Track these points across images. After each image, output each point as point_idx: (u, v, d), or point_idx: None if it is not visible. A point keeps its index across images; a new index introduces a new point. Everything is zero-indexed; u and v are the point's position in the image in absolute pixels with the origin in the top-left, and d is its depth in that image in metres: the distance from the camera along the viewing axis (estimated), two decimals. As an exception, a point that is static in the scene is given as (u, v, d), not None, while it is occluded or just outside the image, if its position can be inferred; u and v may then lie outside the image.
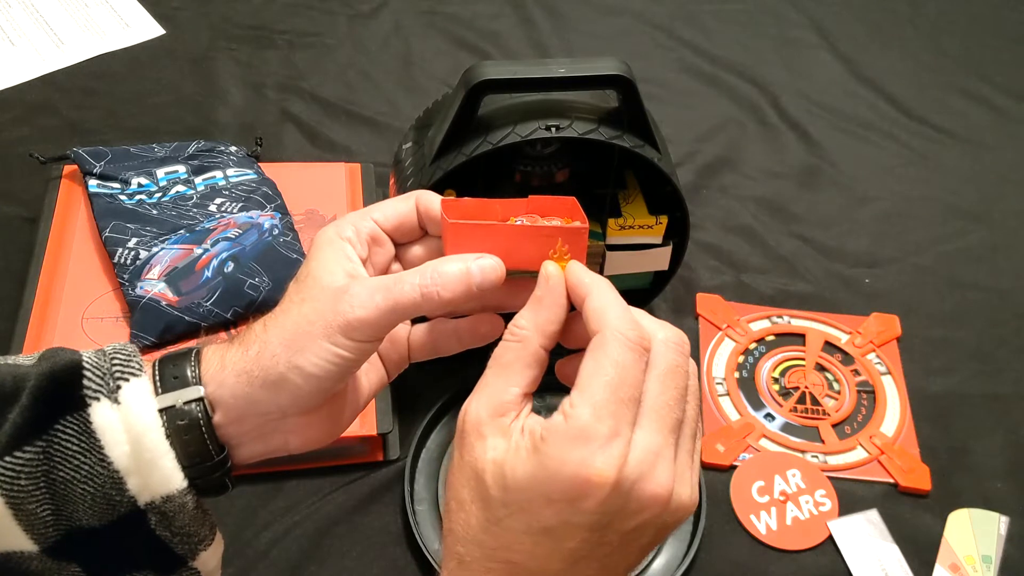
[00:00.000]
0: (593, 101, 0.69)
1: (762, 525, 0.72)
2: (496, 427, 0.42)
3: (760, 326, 0.86)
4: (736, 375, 0.82)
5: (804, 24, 1.22)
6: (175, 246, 0.80)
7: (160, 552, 0.46)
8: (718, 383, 0.81)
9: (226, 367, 0.45)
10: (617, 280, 0.77)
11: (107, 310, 0.78)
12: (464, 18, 1.18)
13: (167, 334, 0.75)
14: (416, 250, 0.50)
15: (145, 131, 0.98)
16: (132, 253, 0.79)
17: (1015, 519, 0.74)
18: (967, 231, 0.98)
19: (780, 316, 0.87)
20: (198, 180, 0.87)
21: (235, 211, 0.84)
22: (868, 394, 0.82)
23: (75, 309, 0.77)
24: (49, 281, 0.79)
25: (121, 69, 1.06)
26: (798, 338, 0.86)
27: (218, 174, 0.88)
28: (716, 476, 0.75)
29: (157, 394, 0.44)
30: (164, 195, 0.85)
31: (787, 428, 0.79)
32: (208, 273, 0.78)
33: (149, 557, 0.46)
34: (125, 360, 0.44)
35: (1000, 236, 0.98)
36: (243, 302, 0.77)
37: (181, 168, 0.88)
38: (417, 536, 0.68)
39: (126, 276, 0.78)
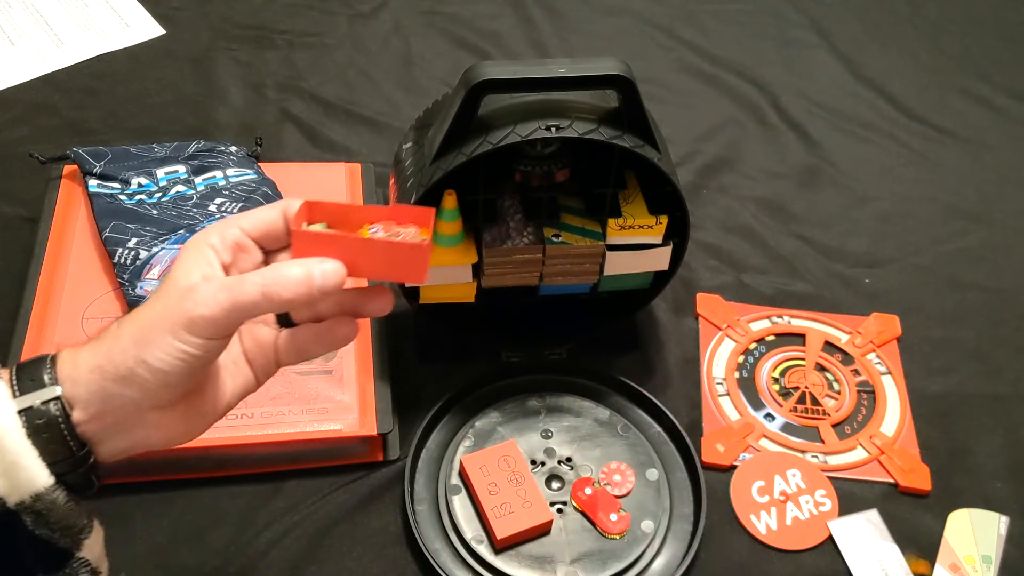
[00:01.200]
0: (593, 101, 0.69)
1: (762, 525, 0.72)
2: None
3: (760, 326, 0.86)
4: (736, 375, 0.82)
5: (804, 24, 1.22)
6: (175, 246, 0.80)
7: (44, 550, 0.47)
8: (718, 383, 0.81)
9: (79, 365, 0.46)
10: (617, 280, 0.78)
11: (107, 310, 0.78)
12: (464, 18, 1.18)
13: (167, 334, 0.75)
14: (284, 256, 0.52)
15: (145, 131, 0.98)
16: (132, 253, 0.79)
17: (1015, 519, 0.74)
18: (967, 231, 0.98)
19: (780, 316, 0.87)
20: (198, 180, 0.87)
21: (235, 211, 0.84)
22: (868, 394, 0.82)
23: (75, 309, 0.77)
24: (49, 281, 0.79)
25: (121, 69, 1.06)
26: (798, 338, 0.86)
27: (218, 174, 0.88)
28: (716, 476, 0.75)
29: (15, 397, 0.45)
30: (164, 195, 0.85)
31: (787, 428, 0.79)
32: (208, 273, 0.78)
33: (35, 558, 0.47)
34: None
35: (1000, 236, 0.98)
36: (243, 302, 0.77)
37: (181, 168, 0.88)
38: (417, 536, 0.68)
39: (126, 276, 0.78)
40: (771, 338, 0.85)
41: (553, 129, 0.65)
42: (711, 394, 0.81)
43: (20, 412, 0.45)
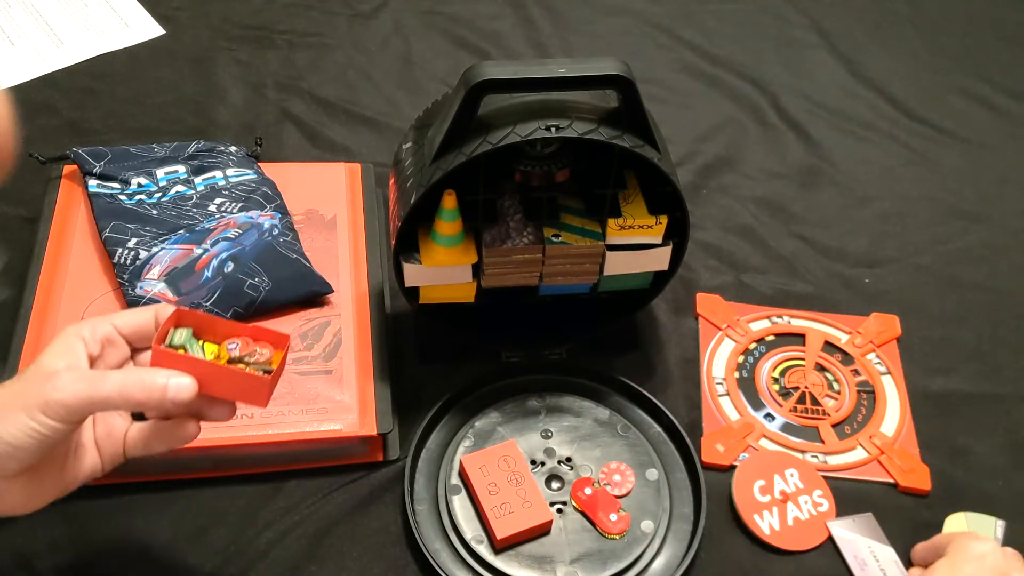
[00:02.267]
0: (593, 101, 0.69)
1: (765, 525, 0.72)
2: None
3: (760, 326, 0.86)
4: (736, 375, 0.82)
5: (804, 24, 1.22)
6: (175, 246, 0.80)
7: None
8: (718, 383, 0.81)
9: None
10: (617, 280, 0.78)
11: (107, 310, 0.77)
12: (464, 18, 1.18)
13: (167, 334, 0.75)
14: (148, 356, 0.56)
15: (145, 131, 0.98)
16: (132, 253, 0.79)
17: (1015, 519, 0.74)
18: (967, 231, 0.98)
19: (780, 316, 0.87)
20: (198, 180, 0.87)
21: (235, 211, 0.84)
22: (868, 394, 0.82)
23: (75, 309, 0.77)
24: (49, 281, 0.79)
25: (121, 69, 1.06)
26: (798, 338, 0.86)
27: (218, 174, 0.88)
28: (716, 476, 0.75)
29: None
30: (164, 195, 0.85)
31: (787, 428, 0.79)
32: (208, 273, 0.78)
33: None
34: None
35: (1000, 236, 0.98)
36: (243, 302, 0.77)
37: (181, 168, 0.88)
38: (417, 536, 0.68)
39: (126, 276, 0.78)
40: (771, 338, 0.85)
41: (553, 129, 0.65)
42: (711, 394, 0.81)
43: None
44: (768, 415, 0.80)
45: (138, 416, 0.58)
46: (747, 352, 0.84)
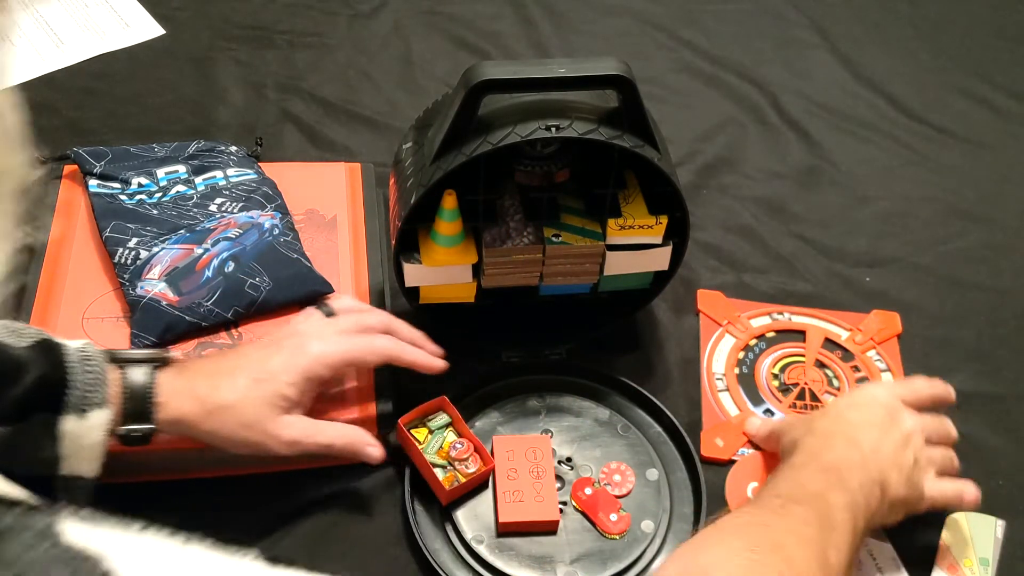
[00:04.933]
0: (593, 101, 0.69)
1: (762, 525, 0.72)
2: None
3: (760, 322, 0.86)
4: (736, 371, 0.82)
5: (804, 24, 1.22)
6: (175, 246, 0.80)
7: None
8: (718, 379, 0.82)
9: (177, 419, 0.64)
10: (617, 280, 0.78)
11: (108, 310, 0.78)
12: (464, 18, 1.18)
13: (168, 334, 0.75)
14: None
15: (145, 131, 0.98)
16: (132, 253, 0.79)
17: (1015, 519, 0.74)
18: (967, 231, 0.98)
19: (780, 312, 0.87)
20: (198, 180, 0.87)
21: (235, 211, 0.84)
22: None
23: (75, 309, 0.77)
24: (49, 281, 0.79)
25: (121, 69, 1.06)
26: (798, 335, 0.86)
27: (218, 174, 0.88)
28: (716, 476, 0.75)
29: (116, 425, 0.62)
30: (164, 195, 0.85)
31: None
32: (209, 273, 0.78)
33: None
34: (93, 384, 0.60)
35: (1000, 236, 0.98)
36: (244, 302, 0.77)
37: (181, 168, 0.88)
38: (417, 536, 0.68)
39: (126, 276, 0.78)
40: (771, 334, 0.86)
41: (553, 129, 0.65)
42: (711, 389, 0.81)
43: (112, 432, 0.61)
44: (767, 411, 0.80)
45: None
46: (747, 348, 0.84)
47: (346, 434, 0.69)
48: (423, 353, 0.72)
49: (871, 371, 0.83)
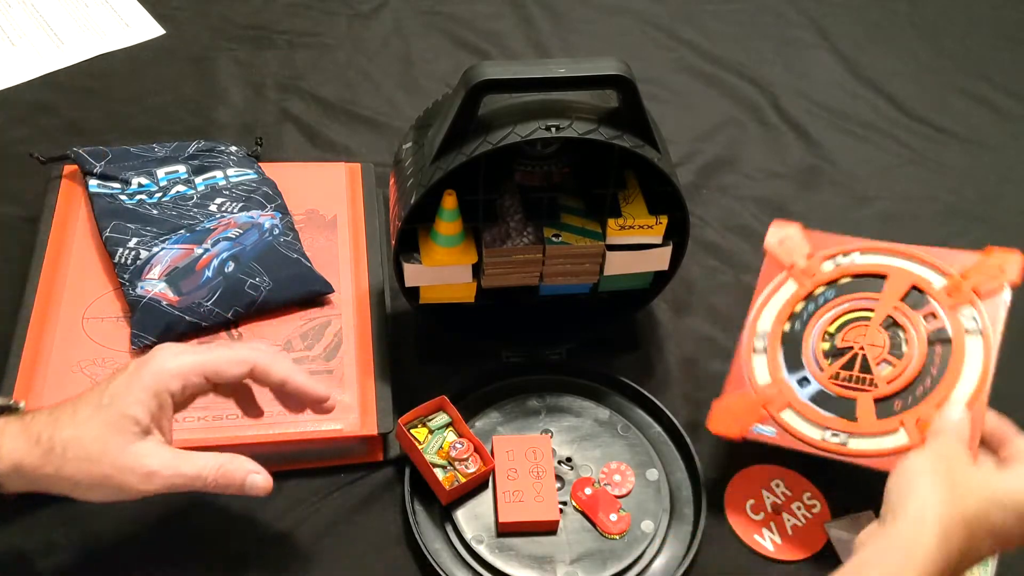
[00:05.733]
0: (593, 101, 0.69)
1: (767, 542, 0.71)
2: None
3: (838, 263, 0.72)
4: (786, 328, 0.70)
5: (804, 24, 1.22)
6: (176, 246, 0.80)
7: None
8: (758, 338, 0.71)
9: (4, 460, 0.56)
10: (617, 280, 0.78)
11: (107, 310, 0.78)
12: (464, 18, 1.18)
13: (168, 334, 0.75)
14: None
15: (145, 131, 0.98)
16: (132, 253, 0.79)
17: (1015, 519, 0.74)
18: (967, 231, 0.98)
19: (868, 252, 0.72)
20: (198, 180, 0.87)
21: (235, 211, 0.84)
22: (942, 360, 0.66)
23: (75, 309, 0.77)
24: (49, 281, 0.79)
25: (121, 69, 1.06)
26: (878, 281, 0.70)
27: (218, 174, 0.88)
28: (716, 476, 0.75)
29: None
30: (164, 195, 0.85)
31: (819, 398, 0.68)
32: (209, 273, 0.78)
33: None
34: None
35: (1000, 236, 0.97)
36: (244, 302, 0.77)
37: (181, 168, 0.88)
38: (417, 536, 0.68)
39: (126, 276, 0.78)
40: (846, 280, 0.70)
41: (553, 129, 0.65)
42: (746, 351, 0.71)
43: None
44: (803, 379, 0.68)
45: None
46: (809, 299, 0.71)
47: (220, 464, 0.59)
48: (303, 376, 0.63)
49: (957, 333, 0.65)
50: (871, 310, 0.68)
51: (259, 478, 0.61)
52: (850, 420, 0.66)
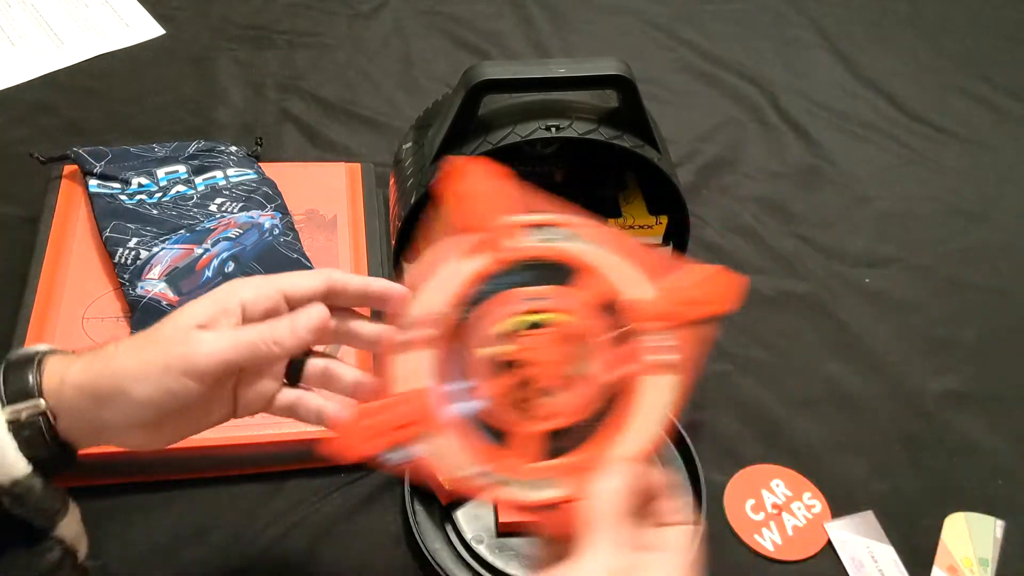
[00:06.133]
0: (593, 101, 0.69)
1: (767, 542, 0.71)
2: None
3: (533, 238, 0.51)
4: (451, 317, 0.49)
5: (804, 24, 1.22)
6: (176, 246, 0.80)
7: (21, 529, 0.50)
8: (408, 327, 0.50)
9: (65, 380, 0.50)
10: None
11: (107, 310, 0.78)
12: (464, 18, 1.18)
13: (167, 334, 0.75)
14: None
15: (145, 131, 0.98)
16: (132, 253, 0.79)
17: (1015, 519, 0.74)
18: (967, 231, 0.98)
19: (567, 227, 0.51)
20: (198, 180, 0.88)
21: (235, 211, 0.84)
22: (622, 394, 0.49)
23: (75, 309, 0.77)
24: (49, 281, 0.79)
25: (121, 69, 1.06)
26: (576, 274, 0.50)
27: (218, 174, 0.88)
28: (716, 479, 0.75)
29: (3, 406, 0.49)
30: (164, 195, 0.86)
31: (479, 420, 0.49)
32: (209, 273, 0.78)
33: (11, 535, 0.50)
34: None
35: (1000, 236, 0.98)
36: (243, 302, 0.77)
37: (181, 168, 0.88)
38: (417, 536, 0.68)
39: (127, 276, 0.78)
40: (534, 263, 0.50)
41: (553, 129, 0.65)
42: (390, 343, 0.50)
43: (7, 421, 0.48)
44: (462, 392, 0.49)
45: (294, 380, 0.55)
46: (488, 280, 0.50)
47: (267, 323, 0.51)
48: (379, 280, 0.54)
49: (649, 367, 0.49)
50: (558, 311, 0.50)
51: (315, 309, 0.52)
52: (507, 454, 0.49)
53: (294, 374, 0.55)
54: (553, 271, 0.50)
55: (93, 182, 0.85)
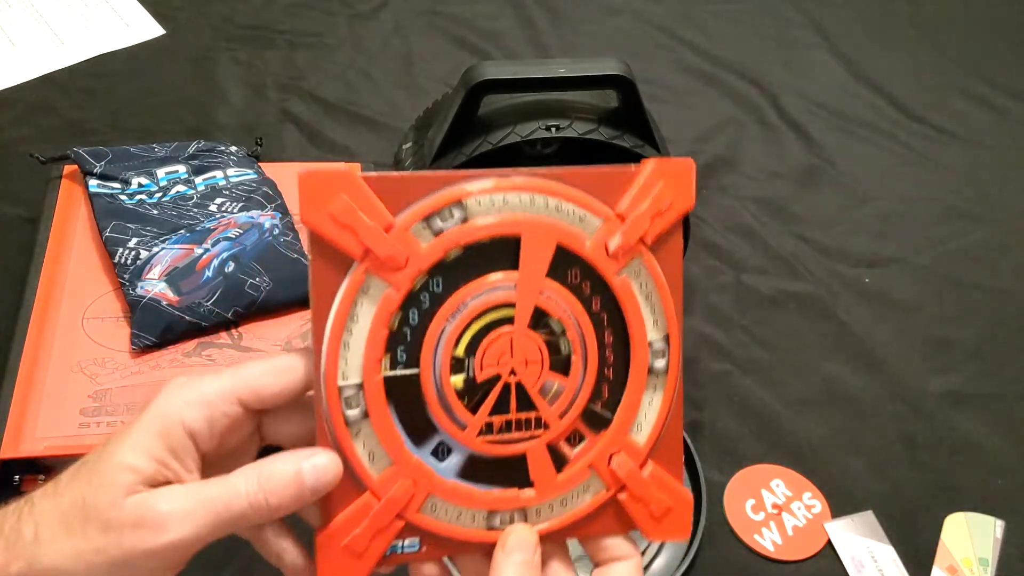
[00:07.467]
0: (593, 101, 0.69)
1: (767, 542, 0.71)
2: None
3: (437, 228, 0.39)
4: (386, 367, 0.39)
5: (804, 24, 1.22)
6: (176, 246, 0.80)
7: None
8: (348, 389, 0.39)
9: None
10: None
11: (107, 310, 0.78)
12: (464, 18, 1.18)
13: (168, 334, 0.75)
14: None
15: (145, 131, 0.98)
16: (132, 253, 0.79)
17: (1015, 519, 0.74)
18: (967, 231, 0.98)
19: (482, 193, 0.39)
20: (198, 180, 0.88)
21: (235, 211, 0.84)
22: (618, 358, 0.41)
23: (75, 309, 0.77)
24: (49, 281, 0.79)
25: (121, 69, 1.06)
26: (507, 250, 0.39)
27: (218, 174, 0.88)
28: (716, 478, 0.75)
29: None
30: (164, 195, 0.86)
31: (471, 469, 0.41)
32: (209, 273, 0.78)
33: None
34: None
35: (1000, 236, 0.98)
36: (244, 302, 0.77)
37: (181, 168, 0.88)
38: (417, 536, 0.68)
39: (126, 276, 0.78)
40: (457, 254, 0.39)
41: (553, 129, 0.65)
42: (330, 418, 0.39)
43: None
44: (440, 448, 0.40)
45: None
46: (409, 303, 0.39)
47: (259, 469, 0.39)
48: None
49: (626, 304, 0.40)
50: (511, 303, 0.40)
51: (322, 459, 0.38)
52: (523, 487, 0.41)
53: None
54: (492, 249, 0.39)
55: (93, 182, 0.85)
